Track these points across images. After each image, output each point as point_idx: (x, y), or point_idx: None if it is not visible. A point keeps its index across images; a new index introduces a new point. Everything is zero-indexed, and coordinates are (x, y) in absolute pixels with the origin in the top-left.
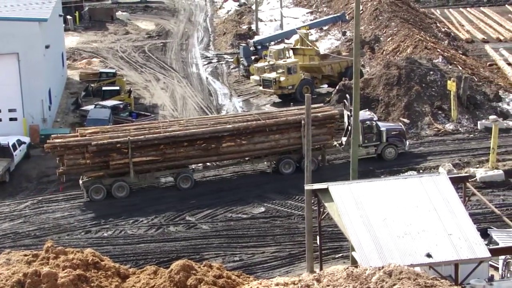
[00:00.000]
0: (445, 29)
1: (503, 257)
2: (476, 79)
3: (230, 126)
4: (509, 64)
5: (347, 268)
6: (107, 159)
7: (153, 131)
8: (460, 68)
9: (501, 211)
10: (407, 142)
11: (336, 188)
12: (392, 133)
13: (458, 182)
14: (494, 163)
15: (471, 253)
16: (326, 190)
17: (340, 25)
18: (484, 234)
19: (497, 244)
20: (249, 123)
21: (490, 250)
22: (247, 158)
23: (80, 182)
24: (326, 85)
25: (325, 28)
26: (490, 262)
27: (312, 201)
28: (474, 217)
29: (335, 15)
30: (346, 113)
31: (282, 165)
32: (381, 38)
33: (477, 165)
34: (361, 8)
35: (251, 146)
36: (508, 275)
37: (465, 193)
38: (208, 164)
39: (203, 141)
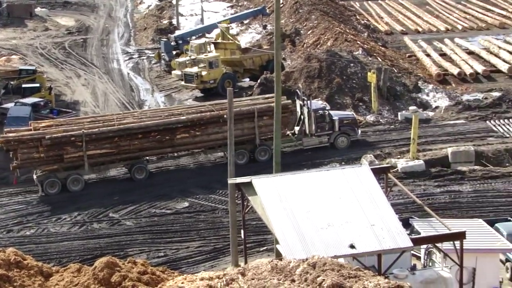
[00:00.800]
0: (365, 21)
1: (425, 246)
2: (395, 71)
3: (184, 117)
4: (427, 55)
5: (272, 261)
6: (62, 152)
7: (107, 123)
8: (380, 60)
9: (422, 200)
10: (359, 131)
11: (259, 182)
12: (345, 122)
13: (379, 173)
14: (415, 154)
15: (393, 243)
16: (249, 184)
17: (260, 18)
18: (406, 224)
19: (419, 233)
20: (203, 114)
21: (412, 240)
22: (201, 149)
23: (34, 176)
24: (248, 79)
25: (246, 22)
26: (412, 252)
27: (236, 195)
28: (396, 207)
29: (255, 8)
30: (298, 102)
31: (236, 155)
32: (301, 31)
33: (398, 156)
34: (281, 1)
35: (205, 137)
36: (430, 264)
37: (387, 183)
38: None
39: (157, 133)
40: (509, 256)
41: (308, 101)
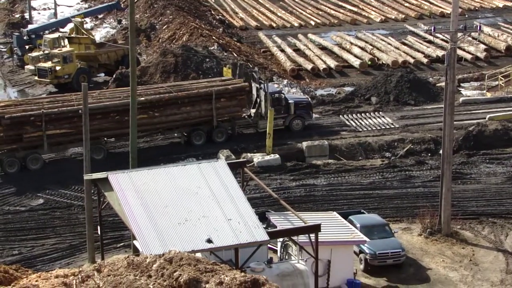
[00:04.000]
0: (220, 16)
1: (281, 239)
2: (251, 66)
3: (143, 98)
4: (282, 50)
5: (128, 257)
6: (21, 132)
7: (67, 104)
8: (235, 55)
9: (278, 194)
10: (313, 115)
11: (115, 177)
12: (300, 105)
13: (236, 168)
14: (271, 148)
15: (250, 237)
16: (105, 180)
17: (115, 13)
18: (263, 217)
19: (275, 227)
20: (161, 96)
21: (269, 233)
22: (159, 130)
23: None
24: (103, 74)
25: (100, 16)
26: (269, 245)
27: (92, 191)
28: (252, 202)
29: (109, 3)
30: (255, 85)
31: (193, 136)
32: (157, 26)
33: (255, 150)
34: None
35: (164, 118)
36: (286, 257)
37: (243, 178)
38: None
39: (117, 114)
40: (362, 247)
41: (265, 84)
